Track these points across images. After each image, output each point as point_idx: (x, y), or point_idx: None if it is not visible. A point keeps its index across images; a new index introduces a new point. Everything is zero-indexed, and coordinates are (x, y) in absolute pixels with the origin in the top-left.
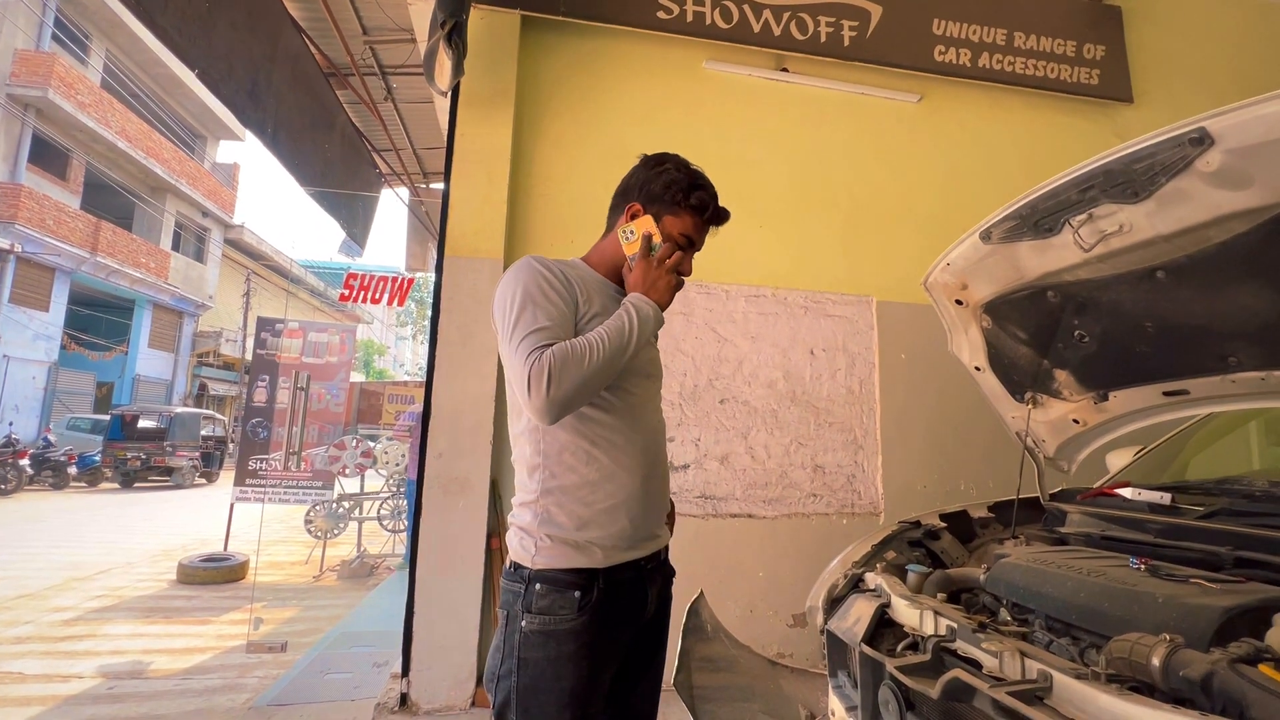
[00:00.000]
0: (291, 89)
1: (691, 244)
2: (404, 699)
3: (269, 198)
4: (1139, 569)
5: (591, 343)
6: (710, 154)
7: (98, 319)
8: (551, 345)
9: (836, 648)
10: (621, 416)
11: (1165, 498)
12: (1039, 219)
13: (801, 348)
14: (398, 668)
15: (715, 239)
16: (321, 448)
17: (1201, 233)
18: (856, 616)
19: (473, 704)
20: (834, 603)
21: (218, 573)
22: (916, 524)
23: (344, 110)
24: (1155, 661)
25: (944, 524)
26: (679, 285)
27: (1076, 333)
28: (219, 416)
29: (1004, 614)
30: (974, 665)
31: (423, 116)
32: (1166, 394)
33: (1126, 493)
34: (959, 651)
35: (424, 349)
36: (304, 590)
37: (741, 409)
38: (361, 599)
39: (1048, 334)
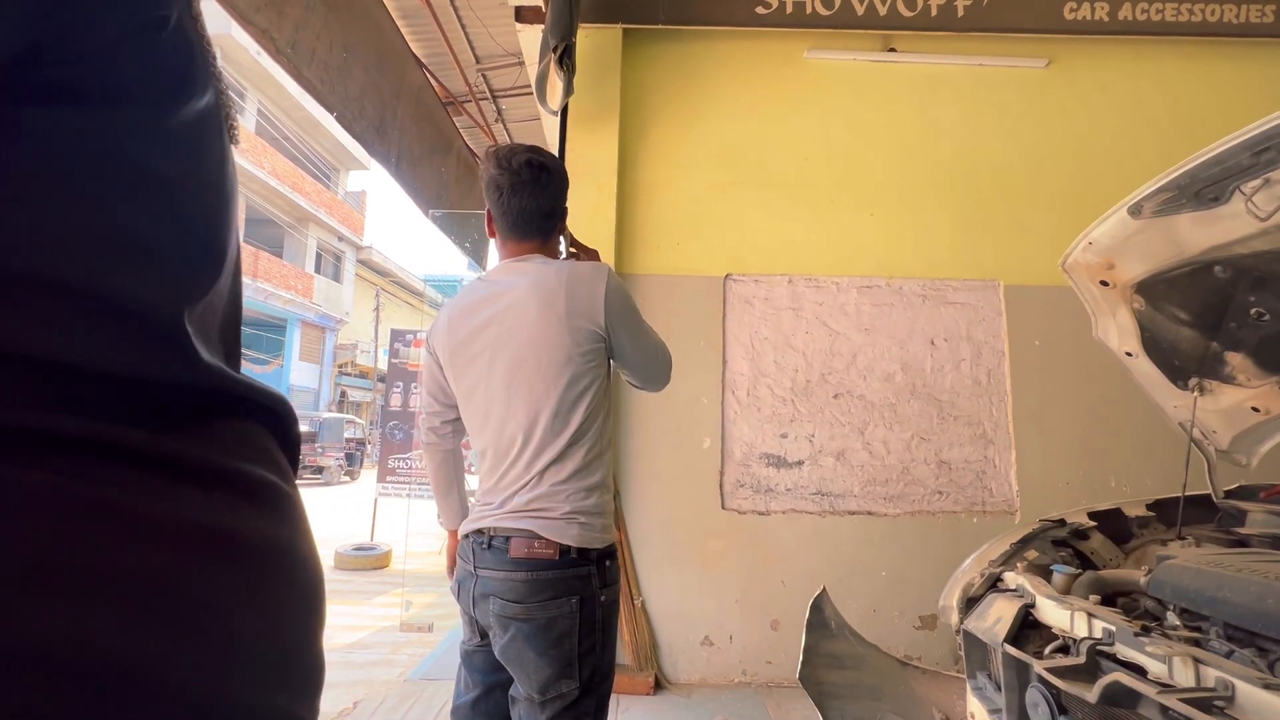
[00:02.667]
0: (415, 121)
1: None
2: None
3: (393, 219)
4: None
5: None
6: (815, 143)
7: (259, 337)
8: None
9: (975, 648)
10: None
11: None
12: (1201, 188)
13: (920, 338)
14: None
15: (822, 231)
16: None
17: None
18: (997, 616)
19: None
20: (970, 602)
21: (367, 560)
22: (1061, 522)
23: (460, 135)
24: None
25: (1094, 523)
26: None
27: (1254, 310)
28: (358, 420)
29: (1172, 618)
30: (1136, 671)
31: (530, 134)
32: None
33: None
34: (1118, 656)
35: None
36: (440, 577)
37: (857, 403)
38: None
39: (1216, 314)
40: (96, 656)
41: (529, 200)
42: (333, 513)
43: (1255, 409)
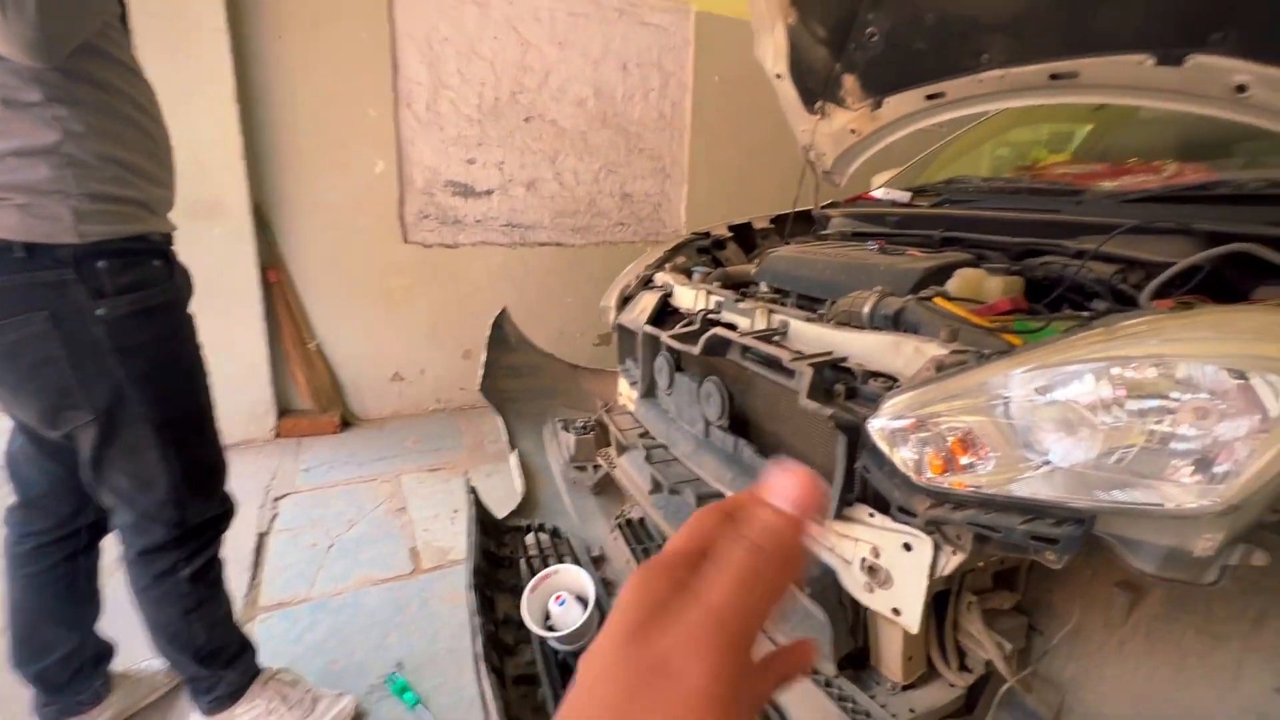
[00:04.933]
0: None
1: None
2: None
3: None
4: (873, 249)
5: None
6: None
7: None
8: None
9: (625, 338)
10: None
11: (905, 196)
12: None
13: (614, 61)
14: None
15: None
16: None
17: None
18: (642, 307)
19: (277, 435)
20: (625, 302)
21: None
22: (706, 234)
23: None
24: (866, 308)
25: (730, 234)
26: None
27: (868, 30)
28: None
29: (765, 292)
30: (733, 329)
31: None
32: (929, 98)
33: (878, 194)
34: (723, 320)
35: None
36: None
37: (549, 129)
38: None
39: (844, 32)
40: None
41: None
42: None
43: (852, 131)
